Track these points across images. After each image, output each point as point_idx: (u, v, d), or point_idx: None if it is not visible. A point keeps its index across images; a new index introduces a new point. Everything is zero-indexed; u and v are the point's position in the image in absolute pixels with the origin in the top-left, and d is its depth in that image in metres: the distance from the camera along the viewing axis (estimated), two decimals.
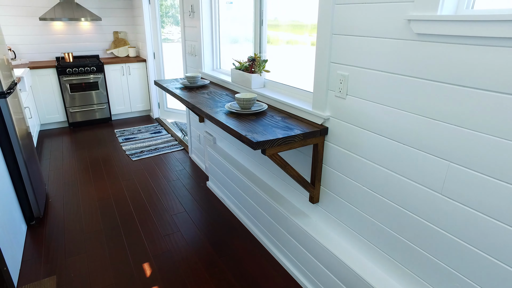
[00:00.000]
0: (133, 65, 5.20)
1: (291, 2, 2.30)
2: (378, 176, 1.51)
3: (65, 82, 4.74)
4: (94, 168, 3.66)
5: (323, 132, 1.74)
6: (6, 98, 2.31)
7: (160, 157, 3.94)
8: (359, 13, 1.44)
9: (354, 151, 1.62)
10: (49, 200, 3.02)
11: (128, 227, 2.63)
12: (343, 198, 1.75)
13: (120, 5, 5.39)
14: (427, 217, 1.33)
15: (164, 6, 5.14)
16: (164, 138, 4.56)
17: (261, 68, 2.36)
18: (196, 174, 3.55)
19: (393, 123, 1.39)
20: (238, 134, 1.65)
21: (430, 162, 1.28)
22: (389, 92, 1.38)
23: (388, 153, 1.44)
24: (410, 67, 1.27)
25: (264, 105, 2.06)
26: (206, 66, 3.17)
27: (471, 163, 1.14)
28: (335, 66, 1.62)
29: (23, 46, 4.92)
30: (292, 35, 2.43)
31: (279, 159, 1.71)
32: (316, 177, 1.85)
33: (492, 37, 1.01)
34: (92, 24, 5.28)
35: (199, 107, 2.11)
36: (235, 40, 3.07)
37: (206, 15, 3.00)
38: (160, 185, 3.30)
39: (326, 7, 1.58)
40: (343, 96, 1.61)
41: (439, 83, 1.19)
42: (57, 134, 4.74)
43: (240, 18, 2.92)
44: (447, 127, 1.19)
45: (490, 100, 1.06)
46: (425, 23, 1.17)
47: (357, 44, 1.48)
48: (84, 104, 4.97)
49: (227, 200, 2.91)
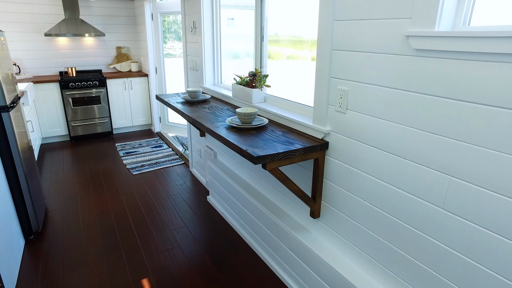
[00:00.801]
0: (135, 79, 5.25)
1: (292, 18, 2.34)
2: (379, 190, 1.51)
3: (67, 96, 4.78)
4: (95, 182, 3.66)
5: (323, 146, 1.74)
6: (9, 112, 2.33)
7: (160, 171, 3.94)
8: (358, 29, 1.46)
9: (354, 166, 1.62)
10: (49, 214, 3.00)
11: (128, 242, 2.60)
12: (344, 212, 1.74)
13: (124, 21, 5.49)
14: (429, 232, 1.32)
15: (167, 22, 5.23)
16: (165, 152, 4.56)
17: (261, 83, 2.38)
18: (196, 188, 3.53)
19: (393, 137, 1.39)
20: (238, 149, 1.65)
21: (431, 176, 1.27)
22: (389, 107, 1.39)
23: (388, 167, 1.44)
24: (409, 82, 1.29)
25: (265, 120, 2.07)
26: (208, 81, 3.20)
27: (472, 177, 1.14)
28: (335, 81, 1.64)
29: (28, 61, 4.99)
30: (293, 50, 2.46)
31: (280, 174, 1.71)
32: (317, 191, 1.84)
33: (488, 52, 1.03)
34: (96, 40, 5.37)
35: (200, 121, 2.12)
36: (236, 55, 3.11)
37: (207, 31, 3.05)
38: (160, 199, 3.28)
39: (325, 23, 1.61)
40: (343, 110, 1.62)
41: (438, 97, 1.20)
42: (58, 147, 4.75)
43: (241, 34, 2.97)
44: (448, 141, 1.19)
45: (489, 115, 1.06)
46: (423, 39, 1.18)
47: (357, 60, 1.50)
48: (86, 118, 5.00)
49: (228, 214, 2.89)
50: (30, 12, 4.85)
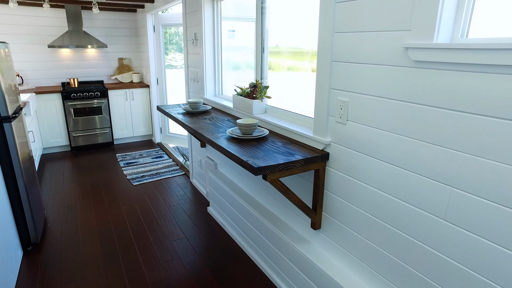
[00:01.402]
0: (136, 90, 5.29)
1: (292, 30, 2.36)
2: (380, 201, 1.50)
3: (69, 107, 4.81)
4: (95, 192, 3.65)
5: (324, 157, 1.74)
6: (11, 122, 2.34)
7: (161, 182, 3.93)
8: (358, 41, 1.48)
9: (355, 177, 1.61)
10: (48, 225, 2.98)
11: (127, 254, 2.58)
12: (345, 224, 1.73)
13: (126, 33, 5.56)
14: (431, 243, 1.31)
15: (168, 34, 5.30)
16: (166, 163, 4.56)
17: (262, 94, 2.39)
18: (197, 199, 3.52)
19: (394, 148, 1.39)
20: (239, 160, 1.65)
21: (432, 187, 1.27)
22: (389, 118, 1.39)
23: (389, 178, 1.44)
24: (409, 93, 1.29)
25: (265, 131, 2.08)
26: (208, 92, 3.22)
27: (474, 188, 1.13)
28: (335, 92, 1.65)
29: (31, 72, 5.04)
30: (293, 62, 2.48)
31: (280, 185, 1.70)
32: (317, 202, 1.83)
33: (486, 64, 1.03)
34: (98, 51, 5.42)
35: (200, 132, 2.13)
36: (237, 66, 3.13)
37: (209, 43, 3.08)
38: (161, 210, 3.27)
39: (325, 35, 1.62)
40: (343, 121, 1.62)
41: (438, 108, 1.20)
42: (59, 158, 4.75)
43: (242, 45, 3.00)
44: (448, 152, 1.19)
45: (489, 125, 1.06)
46: (422, 51, 1.19)
47: (357, 71, 1.51)
48: (87, 129, 5.01)
49: (228, 226, 2.87)
50: (34, 24, 4.92)
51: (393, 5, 1.30)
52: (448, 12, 1.15)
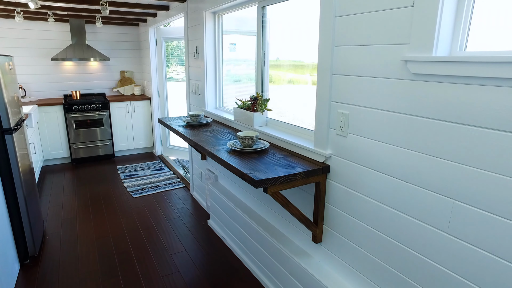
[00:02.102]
0: (138, 103, 5.32)
1: (293, 43, 2.39)
2: (382, 214, 1.49)
3: (71, 119, 4.83)
4: (94, 205, 3.63)
5: (325, 170, 1.74)
6: (12, 134, 2.35)
7: (161, 194, 3.91)
8: (357, 54, 1.49)
9: (356, 189, 1.60)
10: (46, 237, 2.96)
11: (126, 267, 2.54)
12: (346, 237, 1.71)
13: (128, 46, 5.63)
14: (433, 257, 1.29)
15: (170, 47, 5.36)
16: (166, 175, 4.55)
17: (263, 107, 2.40)
18: (197, 212, 3.49)
19: (394, 161, 1.39)
20: (240, 172, 1.64)
21: (434, 200, 1.26)
22: (390, 130, 1.39)
23: (391, 191, 1.43)
24: (409, 105, 1.30)
25: (266, 143, 2.08)
26: (209, 105, 3.23)
27: (476, 201, 1.12)
28: (335, 105, 1.65)
29: (34, 84, 5.08)
30: (294, 75, 2.50)
31: (281, 198, 1.69)
32: (318, 215, 1.82)
33: (485, 77, 1.04)
34: (101, 64, 5.48)
35: (201, 145, 2.13)
36: (238, 79, 3.16)
37: (210, 56, 3.11)
38: (160, 223, 3.24)
39: (325, 49, 1.64)
40: (344, 134, 1.62)
41: (438, 121, 1.20)
42: (59, 170, 4.74)
43: (243, 59, 3.03)
44: (450, 165, 1.19)
45: (490, 138, 1.06)
46: (421, 63, 1.20)
47: (357, 84, 1.52)
48: (88, 141, 5.02)
49: (228, 239, 2.84)
50: (39, 38, 4.99)
51: (392, 19, 1.31)
52: (446, 25, 1.17)
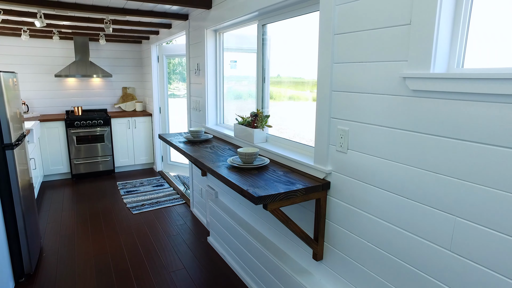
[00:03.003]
0: (139, 119, 5.35)
1: (293, 60, 2.42)
2: (383, 231, 1.47)
3: (72, 135, 4.85)
4: (93, 221, 3.59)
5: (325, 186, 1.73)
6: (13, 149, 2.35)
7: (161, 211, 3.88)
8: (357, 71, 1.51)
9: (357, 206, 1.59)
10: (43, 254, 2.92)
11: (124, 285, 2.50)
12: (347, 255, 1.68)
13: (130, 63, 5.71)
14: (437, 276, 1.26)
15: (172, 64, 5.43)
16: (166, 191, 4.52)
17: (263, 123, 2.41)
18: (197, 229, 3.46)
19: (395, 177, 1.38)
20: (239, 189, 1.63)
21: (436, 216, 1.24)
22: (390, 146, 1.39)
23: (392, 207, 1.41)
24: (409, 121, 1.30)
25: (266, 160, 2.07)
26: (210, 121, 3.25)
27: (478, 218, 1.11)
28: (335, 121, 1.66)
29: (37, 100, 5.13)
30: (294, 91, 2.52)
31: (281, 214, 1.67)
32: (319, 233, 1.80)
33: (482, 93, 1.05)
34: (103, 80, 5.54)
35: (201, 161, 2.13)
36: (239, 96, 3.18)
37: (211, 73, 3.15)
38: (160, 240, 3.20)
39: (325, 66, 1.66)
40: (344, 150, 1.62)
41: (438, 137, 1.20)
42: (59, 185, 4.73)
43: (244, 75, 3.06)
44: (450, 181, 1.18)
45: (490, 154, 1.06)
46: (419, 80, 1.22)
47: (356, 100, 1.53)
48: (89, 156, 5.02)
49: (228, 256, 2.79)
50: (43, 55, 5.07)
51: (390, 36, 1.33)
52: (443, 43, 1.18)
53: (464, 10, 1.17)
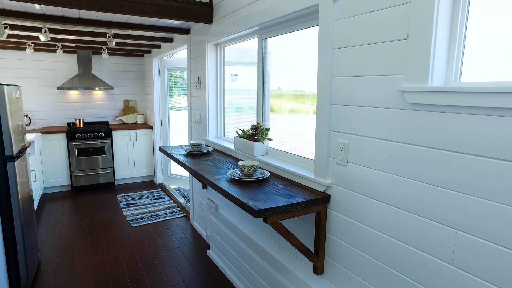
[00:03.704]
0: (140, 131, 5.37)
1: (294, 73, 2.45)
2: (384, 245, 1.45)
3: (73, 147, 4.86)
4: (93, 234, 3.57)
5: (325, 199, 1.72)
6: (14, 161, 2.36)
7: (161, 224, 3.85)
8: (356, 84, 1.52)
9: (357, 219, 1.58)
10: (41, 268, 2.89)
11: None
12: (348, 269, 1.66)
13: (132, 76, 5.77)
14: None
15: (174, 77, 5.49)
16: (166, 204, 4.50)
17: (263, 136, 2.42)
18: (197, 242, 3.43)
19: (395, 190, 1.38)
20: (239, 202, 1.63)
21: (437, 230, 1.23)
22: (389, 159, 1.39)
23: (392, 221, 1.41)
24: (408, 134, 1.31)
25: (266, 173, 2.07)
26: (211, 134, 3.26)
27: (479, 231, 1.10)
28: (335, 135, 1.67)
29: (39, 112, 5.17)
30: (295, 104, 2.54)
31: (281, 228, 1.66)
32: (319, 246, 1.78)
33: (480, 106, 1.06)
34: (105, 93, 5.59)
35: (201, 174, 2.13)
36: (240, 108, 3.21)
37: (211, 86, 3.18)
38: (159, 253, 3.17)
39: (324, 79, 1.68)
40: (344, 163, 1.62)
41: (437, 150, 1.21)
42: (59, 197, 4.71)
43: (245, 89, 3.09)
44: (450, 194, 1.18)
45: (489, 167, 1.06)
46: (418, 94, 1.23)
47: (356, 113, 1.54)
48: (89, 168, 5.02)
49: (228, 270, 2.76)
50: (47, 68, 5.14)
51: (388, 51, 1.35)
52: (440, 57, 1.20)
53: (460, 25, 1.19)
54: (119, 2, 2.51)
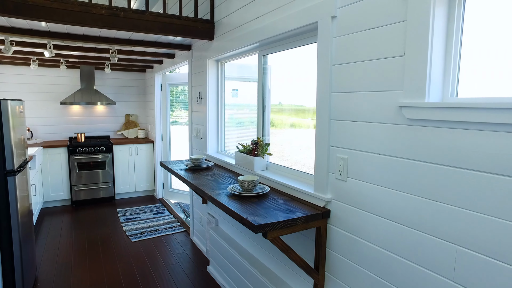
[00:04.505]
0: (141, 146, 5.39)
1: (294, 88, 2.48)
2: (385, 261, 1.44)
3: (74, 161, 4.87)
4: (91, 249, 3.54)
5: (325, 214, 1.71)
6: (15, 176, 2.37)
7: (160, 239, 3.82)
8: (354, 100, 1.54)
9: (358, 235, 1.57)
10: (38, 284, 2.85)
11: None
12: (349, 285, 1.64)
13: (134, 91, 5.83)
14: None
15: (175, 91, 5.54)
16: (166, 219, 4.48)
17: (263, 151, 2.43)
18: (196, 257, 3.39)
19: (395, 205, 1.38)
20: (239, 217, 1.63)
21: (437, 246, 1.23)
22: (389, 174, 1.40)
23: (393, 236, 1.40)
24: (407, 149, 1.32)
25: (266, 188, 2.07)
26: (211, 149, 3.27)
27: (480, 247, 1.10)
28: (334, 150, 1.68)
29: (41, 126, 5.21)
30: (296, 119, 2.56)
31: (281, 243, 1.65)
32: (320, 262, 1.76)
33: (477, 122, 1.07)
34: (107, 108, 5.64)
35: (202, 188, 2.13)
36: (241, 123, 3.23)
37: (212, 102, 3.21)
38: (158, 269, 3.14)
39: (323, 95, 1.70)
40: (343, 178, 1.62)
41: (435, 164, 1.21)
42: (58, 212, 4.69)
43: (245, 103, 3.12)
44: (449, 209, 1.18)
45: (488, 182, 1.06)
46: (415, 109, 1.24)
47: (355, 129, 1.55)
48: (90, 183, 5.02)
49: (228, 286, 2.72)
50: (50, 83, 5.21)
51: (385, 67, 1.38)
52: (436, 73, 1.22)
53: (455, 42, 1.21)
54: (123, 20, 2.57)
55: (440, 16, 1.21)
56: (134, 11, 2.60)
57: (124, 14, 2.56)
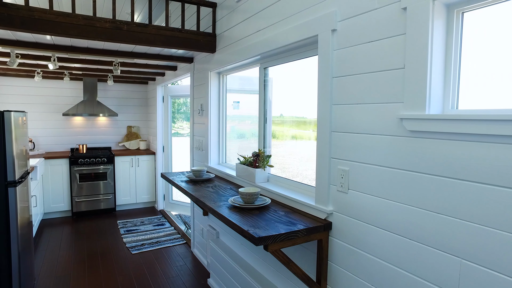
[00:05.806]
0: (142, 157, 5.39)
1: (295, 100, 2.49)
2: (387, 274, 1.42)
3: (75, 172, 4.87)
4: (91, 261, 3.50)
5: (326, 227, 1.70)
6: (16, 187, 2.36)
7: (161, 251, 3.79)
8: (355, 112, 1.55)
9: (360, 247, 1.55)
10: None
11: None
12: None
13: (136, 103, 5.87)
14: None
15: (177, 103, 5.58)
16: (167, 231, 4.44)
17: (265, 163, 2.43)
18: (197, 270, 3.35)
19: (397, 217, 1.37)
20: (240, 229, 1.61)
21: (441, 259, 1.21)
22: (390, 186, 1.39)
23: (395, 249, 1.38)
24: (408, 161, 1.31)
25: (268, 200, 2.06)
26: (212, 160, 3.27)
27: (483, 260, 1.08)
28: (335, 162, 1.67)
29: (44, 138, 5.23)
30: (297, 130, 2.56)
31: (282, 256, 1.63)
32: (321, 275, 1.74)
33: (477, 134, 1.07)
34: (109, 119, 5.67)
35: (202, 200, 2.12)
36: (242, 135, 3.23)
37: (214, 113, 3.22)
38: (158, 282, 3.10)
39: (324, 107, 1.71)
40: (345, 190, 1.62)
41: (436, 176, 1.21)
42: (58, 223, 4.67)
43: (247, 115, 3.13)
44: (451, 221, 1.16)
45: (490, 194, 1.05)
46: (416, 121, 1.24)
47: (356, 141, 1.55)
48: (91, 194, 5.01)
49: None
50: (53, 95, 5.26)
51: (386, 79, 1.39)
52: (436, 85, 1.23)
53: (454, 54, 1.22)
54: (126, 33, 2.61)
55: (439, 29, 1.22)
56: (138, 25, 2.64)
57: (127, 28, 2.60)
